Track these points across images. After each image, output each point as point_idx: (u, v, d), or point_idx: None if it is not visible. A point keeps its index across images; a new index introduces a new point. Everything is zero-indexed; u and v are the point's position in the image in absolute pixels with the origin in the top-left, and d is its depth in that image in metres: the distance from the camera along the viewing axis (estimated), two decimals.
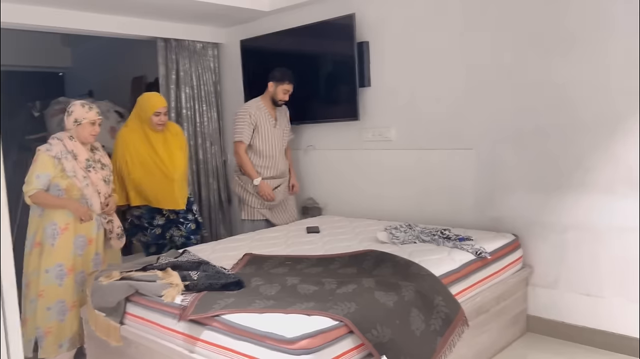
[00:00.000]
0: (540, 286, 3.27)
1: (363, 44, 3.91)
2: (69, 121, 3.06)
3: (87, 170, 3.05)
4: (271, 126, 4.00)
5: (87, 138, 3.08)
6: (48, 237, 2.96)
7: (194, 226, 3.76)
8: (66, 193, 2.98)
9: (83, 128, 3.05)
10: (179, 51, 4.65)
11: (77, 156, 3.03)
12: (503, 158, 3.34)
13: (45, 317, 2.95)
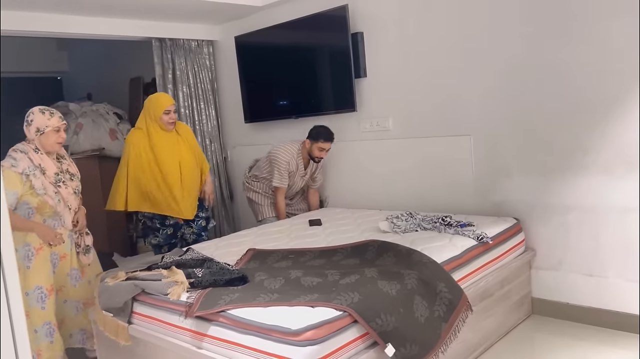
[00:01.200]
0: (544, 269, 3.28)
1: (357, 34, 3.91)
2: (31, 131, 2.79)
3: (57, 185, 2.83)
4: (299, 175, 4.05)
5: (53, 147, 2.84)
6: (22, 259, 2.77)
7: (204, 223, 3.78)
8: (37, 211, 2.80)
9: (47, 137, 2.80)
10: (175, 50, 4.66)
11: (46, 171, 2.79)
12: (501, 143, 3.35)
13: (33, 340, 2.80)
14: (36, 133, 2.79)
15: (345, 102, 4.00)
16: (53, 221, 2.87)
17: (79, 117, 5.17)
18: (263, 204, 4.14)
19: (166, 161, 3.54)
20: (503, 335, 3.05)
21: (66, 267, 2.97)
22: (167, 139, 3.58)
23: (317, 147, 3.90)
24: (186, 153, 3.64)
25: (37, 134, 2.79)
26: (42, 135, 2.79)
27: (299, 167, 4.01)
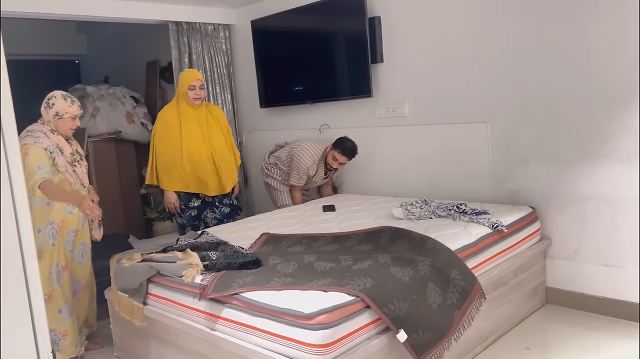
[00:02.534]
0: (559, 258, 3.25)
1: (375, 19, 3.87)
2: (49, 114, 2.88)
3: (73, 164, 2.94)
4: (319, 177, 4.05)
5: (67, 132, 2.94)
6: (47, 237, 2.84)
7: (228, 210, 3.79)
8: None
9: (64, 122, 2.90)
10: (191, 34, 4.66)
11: (63, 150, 2.90)
12: (518, 130, 3.31)
13: (58, 320, 2.87)
14: (55, 116, 2.87)
15: (361, 88, 3.98)
16: None
17: (96, 100, 5.21)
18: (282, 190, 4.15)
19: (191, 136, 3.56)
20: (516, 324, 3.04)
21: (77, 243, 3.02)
22: (194, 115, 3.59)
23: (333, 156, 3.87)
24: (217, 132, 3.65)
25: (55, 117, 2.88)
26: (60, 119, 2.89)
27: (318, 172, 3.99)
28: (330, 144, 3.92)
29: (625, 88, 2.84)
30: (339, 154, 3.84)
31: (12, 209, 0.89)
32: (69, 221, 2.93)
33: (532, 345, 2.80)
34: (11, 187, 0.88)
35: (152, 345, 2.71)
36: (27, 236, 0.91)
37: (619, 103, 2.88)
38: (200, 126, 3.62)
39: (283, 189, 4.13)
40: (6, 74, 0.94)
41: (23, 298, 0.93)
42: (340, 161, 3.87)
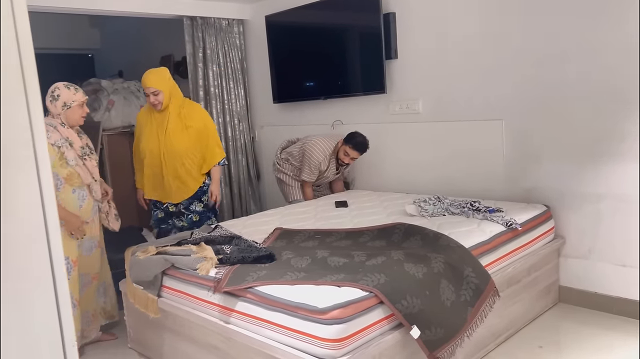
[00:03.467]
0: (573, 257, 3.23)
1: (389, 15, 3.86)
2: (57, 106, 2.86)
3: (83, 158, 2.93)
4: (331, 173, 4.06)
5: (78, 121, 2.93)
6: None
7: (197, 218, 3.51)
8: (66, 182, 2.86)
9: (73, 112, 2.89)
10: (205, 29, 4.67)
11: (73, 144, 2.89)
12: (533, 128, 3.28)
13: None
14: (63, 107, 2.86)
15: (375, 84, 3.97)
16: (81, 191, 2.93)
17: (110, 94, 5.24)
18: (293, 186, 4.16)
19: (145, 141, 3.42)
20: (529, 322, 3.03)
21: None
22: (153, 119, 3.41)
23: (344, 151, 3.86)
24: (176, 136, 3.37)
25: (63, 108, 2.87)
26: (69, 109, 2.88)
27: (330, 167, 3.99)
28: (342, 139, 3.92)
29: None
30: (350, 149, 3.84)
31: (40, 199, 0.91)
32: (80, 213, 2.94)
33: (544, 343, 2.79)
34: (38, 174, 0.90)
35: (166, 337, 2.74)
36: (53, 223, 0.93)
37: (635, 101, 2.85)
38: (159, 128, 3.38)
39: (294, 185, 4.14)
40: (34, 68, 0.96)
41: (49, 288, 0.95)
42: (352, 156, 3.87)
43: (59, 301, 0.95)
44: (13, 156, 0.97)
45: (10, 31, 1.00)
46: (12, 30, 1.01)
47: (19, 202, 0.98)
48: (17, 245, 0.98)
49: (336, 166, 4.03)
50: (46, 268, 0.94)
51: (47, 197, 0.92)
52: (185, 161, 3.41)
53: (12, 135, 0.97)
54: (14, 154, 0.97)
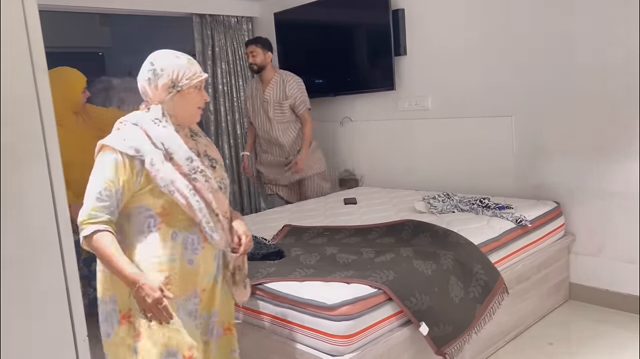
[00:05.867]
0: (583, 254, 3.21)
1: (398, 11, 3.84)
2: (160, 88, 1.65)
3: (193, 178, 1.63)
4: (260, 100, 3.97)
5: (193, 115, 1.71)
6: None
7: None
8: (163, 221, 1.63)
9: (184, 99, 1.67)
10: (214, 26, 4.68)
11: (174, 155, 1.62)
12: (543, 124, 3.26)
13: None
14: (170, 89, 1.65)
15: (384, 81, 3.96)
16: (192, 235, 1.66)
17: (121, 92, 5.28)
18: None
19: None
20: (539, 319, 3.01)
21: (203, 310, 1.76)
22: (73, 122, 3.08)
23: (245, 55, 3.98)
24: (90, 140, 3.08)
25: (170, 91, 1.65)
26: (178, 94, 1.65)
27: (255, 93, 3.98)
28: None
29: None
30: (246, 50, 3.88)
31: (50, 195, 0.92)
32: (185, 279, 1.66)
33: (555, 341, 2.78)
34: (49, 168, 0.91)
35: None
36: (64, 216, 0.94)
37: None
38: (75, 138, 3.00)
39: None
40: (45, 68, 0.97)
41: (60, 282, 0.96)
42: (246, 51, 3.90)
43: (70, 296, 0.96)
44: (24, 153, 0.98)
45: (22, 30, 1.02)
46: (23, 30, 1.02)
47: (30, 199, 0.99)
48: (28, 241, 1.00)
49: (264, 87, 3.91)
50: (57, 264, 0.95)
51: (57, 192, 0.93)
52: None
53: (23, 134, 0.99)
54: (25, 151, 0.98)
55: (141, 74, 1.70)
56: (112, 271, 1.50)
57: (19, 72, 0.98)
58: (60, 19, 5.98)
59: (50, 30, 5.58)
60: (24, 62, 1.00)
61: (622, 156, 2.97)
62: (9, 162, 0.94)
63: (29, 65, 1.00)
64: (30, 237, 0.99)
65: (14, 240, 0.96)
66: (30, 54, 1.01)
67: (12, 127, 0.97)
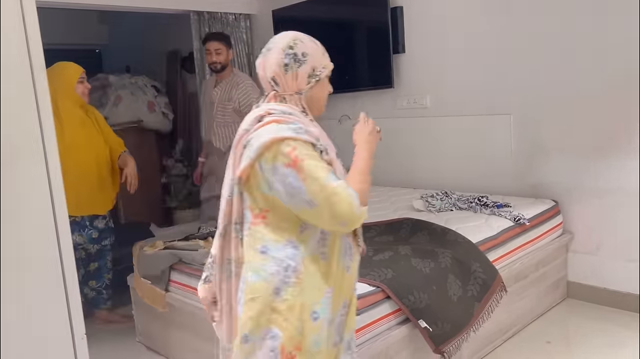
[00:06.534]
0: (582, 253, 3.21)
1: (397, 9, 3.84)
2: (300, 76, 1.49)
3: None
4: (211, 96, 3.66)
5: (322, 109, 1.62)
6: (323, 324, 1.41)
7: (96, 235, 3.12)
8: None
9: (322, 89, 1.56)
10: (212, 24, 4.67)
11: (329, 149, 1.51)
12: (542, 123, 3.26)
13: None
14: (309, 79, 1.51)
15: (382, 79, 3.95)
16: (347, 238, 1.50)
17: (118, 89, 5.26)
18: None
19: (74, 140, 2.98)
20: (537, 317, 3.02)
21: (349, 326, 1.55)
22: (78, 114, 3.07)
23: (205, 53, 3.59)
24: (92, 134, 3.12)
25: (309, 80, 1.51)
26: (317, 85, 1.53)
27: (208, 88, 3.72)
28: None
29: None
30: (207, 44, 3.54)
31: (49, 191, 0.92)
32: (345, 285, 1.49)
33: (552, 339, 2.78)
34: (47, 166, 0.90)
35: (174, 331, 2.75)
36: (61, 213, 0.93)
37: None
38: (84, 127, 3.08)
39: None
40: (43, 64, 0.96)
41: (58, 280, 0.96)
42: (209, 48, 3.53)
43: (68, 295, 0.95)
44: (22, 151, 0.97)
45: (19, 28, 1.01)
46: (21, 27, 1.02)
47: (28, 198, 0.98)
48: (26, 239, 0.99)
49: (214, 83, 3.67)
50: (55, 262, 0.95)
51: (56, 191, 0.92)
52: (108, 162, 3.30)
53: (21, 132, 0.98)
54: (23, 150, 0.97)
55: (271, 59, 1.50)
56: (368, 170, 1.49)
57: (16, 70, 0.97)
58: (58, 16, 5.95)
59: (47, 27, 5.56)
60: (22, 59, 0.99)
61: (620, 154, 2.97)
62: (7, 161, 0.94)
63: (26, 63, 0.99)
64: (28, 236, 0.98)
65: (12, 239, 0.95)
66: (29, 51, 1.00)
67: (10, 125, 0.96)
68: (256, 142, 1.35)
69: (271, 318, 1.34)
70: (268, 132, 1.35)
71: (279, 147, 1.33)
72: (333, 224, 1.35)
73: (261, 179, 1.37)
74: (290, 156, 1.32)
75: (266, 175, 1.35)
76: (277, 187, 1.34)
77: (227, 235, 1.45)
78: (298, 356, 1.34)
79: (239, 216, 1.42)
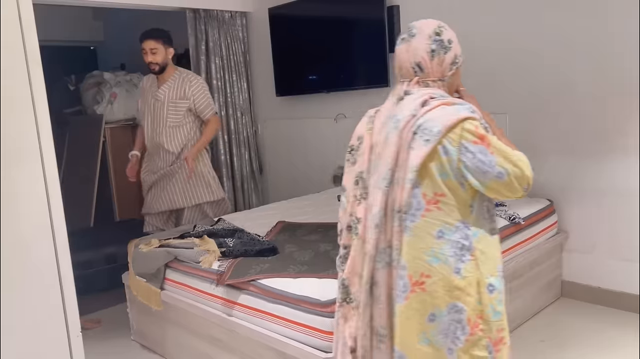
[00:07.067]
0: (576, 252, 3.23)
1: (393, 7, 3.84)
2: (446, 62, 1.54)
3: None
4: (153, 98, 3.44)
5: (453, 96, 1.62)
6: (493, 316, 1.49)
7: None
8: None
9: (457, 78, 1.62)
10: (208, 21, 4.65)
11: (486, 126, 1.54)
12: (537, 122, 3.27)
13: None
14: (451, 66, 1.55)
15: (378, 77, 3.95)
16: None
17: (113, 86, 5.24)
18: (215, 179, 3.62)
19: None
20: (531, 316, 3.03)
21: None
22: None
23: (142, 52, 3.36)
24: None
25: (451, 67, 1.55)
26: (456, 72, 1.59)
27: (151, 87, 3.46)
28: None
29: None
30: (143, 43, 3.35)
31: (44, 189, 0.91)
32: None
33: (546, 338, 2.79)
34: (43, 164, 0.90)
35: (169, 330, 2.75)
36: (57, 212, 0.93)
37: (637, 96, 2.84)
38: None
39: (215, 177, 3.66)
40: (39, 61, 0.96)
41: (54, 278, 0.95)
42: (147, 48, 3.34)
43: (64, 292, 0.95)
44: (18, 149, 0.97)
45: (15, 24, 1.00)
46: (16, 24, 1.01)
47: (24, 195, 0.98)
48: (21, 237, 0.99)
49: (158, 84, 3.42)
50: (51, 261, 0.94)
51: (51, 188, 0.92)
52: None
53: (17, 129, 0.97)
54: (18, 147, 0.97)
55: (417, 45, 1.53)
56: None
57: (12, 67, 0.96)
58: (53, 13, 5.92)
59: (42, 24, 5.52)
60: (18, 56, 0.98)
61: (614, 154, 2.98)
62: (2, 158, 0.93)
63: (22, 60, 0.99)
64: (23, 234, 0.97)
65: (8, 236, 0.94)
66: (24, 48, 0.99)
67: (5, 122, 0.95)
68: (435, 126, 1.40)
69: (453, 294, 1.43)
70: (447, 114, 1.41)
71: (463, 127, 1.39)
72: (519, 191, 1.45)
73: (444, 162, 1.41)
74: (476, 134, 1.39)
75: (452, 156, 1.40)
76: (466, 166, 1.39)
77: (385, 225, 1.47)
78: (482, 325, 1.45)
79: (404, 204, 1.43)
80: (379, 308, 1.51)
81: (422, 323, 1.45)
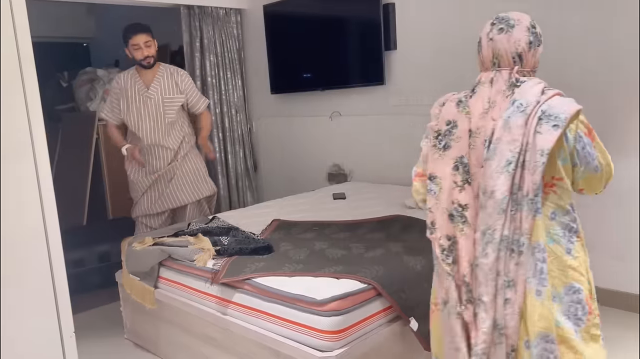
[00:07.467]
0: None
1: (389, 5, 3.83)
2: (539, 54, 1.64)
3: None
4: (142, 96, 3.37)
5: None
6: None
7: None
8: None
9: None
10: (203, 18, 4.63)
11: None
12: None
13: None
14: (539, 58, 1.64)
15: (373, 75, 3.95)
16: None
17: (106, 83, 5.20)
18: None
19: None
20: None
21: None
22: None
23: (132, 48, 3.28)
24: None
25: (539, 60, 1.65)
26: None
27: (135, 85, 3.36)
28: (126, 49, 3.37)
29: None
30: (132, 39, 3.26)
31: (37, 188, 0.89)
32: None
33: None
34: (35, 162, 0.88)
35: (163, 328, 2.73)
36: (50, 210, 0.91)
37: (635, 96, 2.84)
38: None
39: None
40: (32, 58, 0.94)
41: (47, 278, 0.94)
42: (139, 42, 3.27)
43: (57, 292, 0.93)
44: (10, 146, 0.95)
45: (7, 20, 0.98)
46: (9, 19, 0.99)
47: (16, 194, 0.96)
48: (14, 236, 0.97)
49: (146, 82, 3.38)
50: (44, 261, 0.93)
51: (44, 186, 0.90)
52: None
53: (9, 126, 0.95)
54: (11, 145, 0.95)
55: (519, 35, 1.62)
56: None
57: (5, 63, 0.95)
58: (46, 9, 5.87)
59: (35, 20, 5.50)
60: (10, 52, 0.96)
61: (613, 154, 2.97)
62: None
63: (14, 56, 0.97)
64: (16, 233, 0.96)
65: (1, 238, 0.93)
66: (17, 45, 0.97)
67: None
68: (562, 112, 1.45)
69: (568, 274, 1.50)
70: (568, 103, 1.49)
71: (579, 117, 1.49)
72: (603, 186, 1.61)
73: (564, 148, 1.48)
74: (587, 126, 1.53)
75: (570, 144, 1.48)
76: (578, 154, 1.48)
77: (513, 208, 1.46)
78: (592, 304, 1.55)
79: (536, 187, 1.44)
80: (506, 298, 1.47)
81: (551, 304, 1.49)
